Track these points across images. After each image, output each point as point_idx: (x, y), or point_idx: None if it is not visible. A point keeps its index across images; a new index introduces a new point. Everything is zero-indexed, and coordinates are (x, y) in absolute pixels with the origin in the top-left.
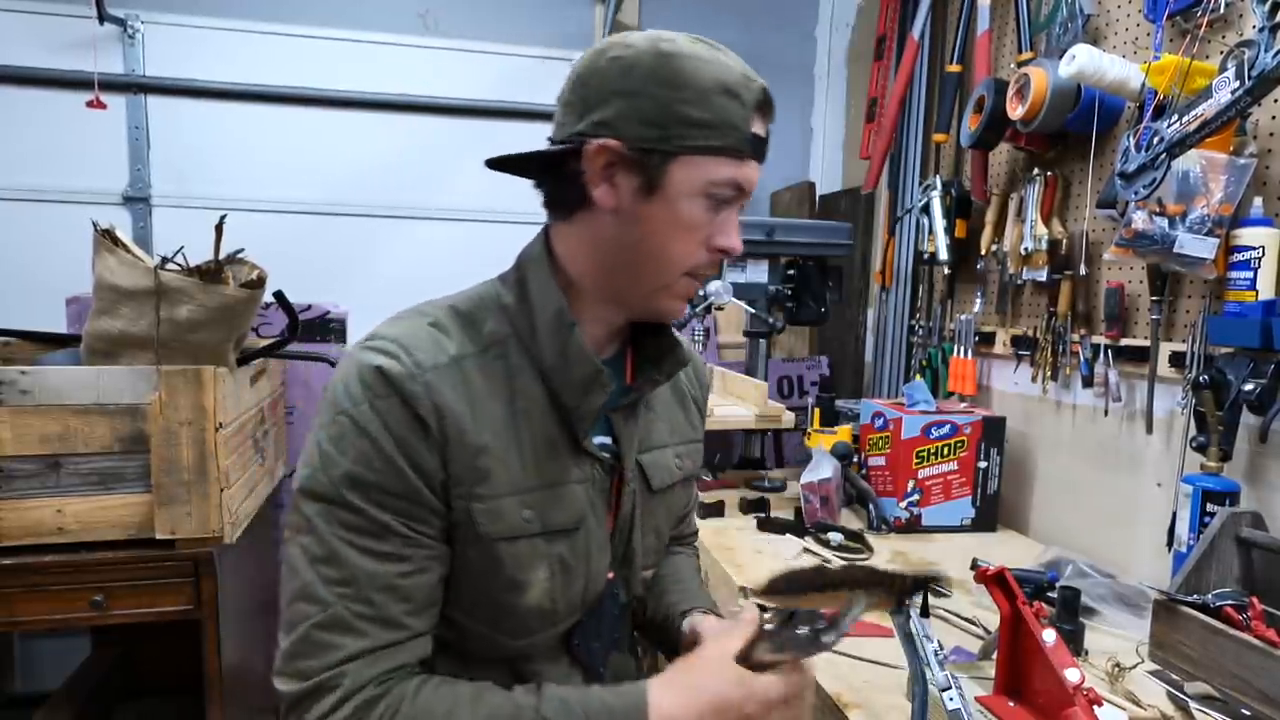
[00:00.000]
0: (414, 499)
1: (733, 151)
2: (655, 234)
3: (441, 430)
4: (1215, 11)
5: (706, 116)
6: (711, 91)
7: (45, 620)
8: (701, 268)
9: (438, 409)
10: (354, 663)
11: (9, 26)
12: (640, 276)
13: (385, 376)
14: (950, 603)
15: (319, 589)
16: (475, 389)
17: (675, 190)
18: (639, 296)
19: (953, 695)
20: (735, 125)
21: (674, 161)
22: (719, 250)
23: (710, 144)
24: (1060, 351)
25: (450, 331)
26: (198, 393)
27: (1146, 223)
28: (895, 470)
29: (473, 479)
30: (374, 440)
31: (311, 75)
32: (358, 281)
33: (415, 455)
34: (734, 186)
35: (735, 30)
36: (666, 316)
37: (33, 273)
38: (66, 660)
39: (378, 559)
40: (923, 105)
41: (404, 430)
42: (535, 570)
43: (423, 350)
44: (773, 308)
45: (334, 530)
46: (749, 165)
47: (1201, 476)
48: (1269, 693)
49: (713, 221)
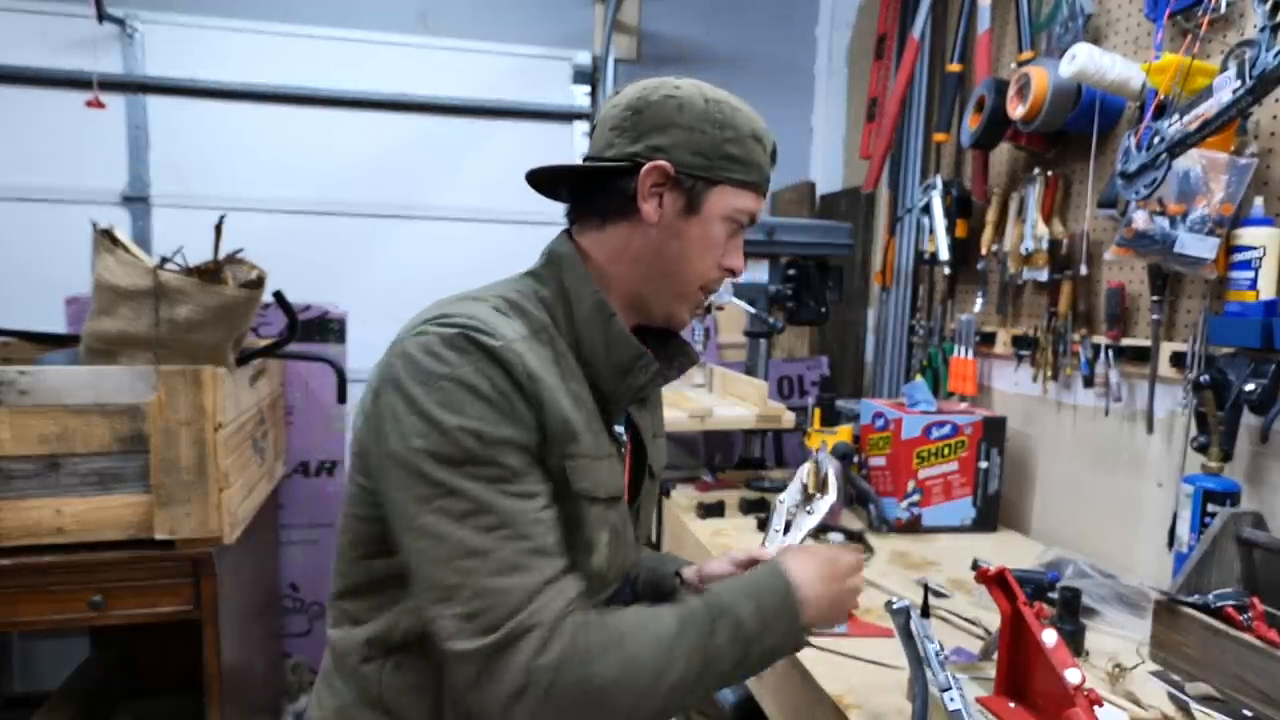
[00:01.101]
0: (528, 448)
1: (755, 187)
2: (688, 249)
3: (536, 394)
4: (1216, 11)
5: (743, 155)
6: (748, 136)
7: (45, 620)
8: (712, 284)
9: (530, 374)
10: (540, 597)
11: (9, 26)
12: (668, 284)
13: (478, 344)
14: (950, 603)
15: (477, 540)
16: (547, 362)
17: (710, 213)
18: (661, 302)
19: (953, 695)
20: (760, 166)
21: (714, 189)
22: (727, 270)
23: (743, 179)
24: (1061, 351)
25: (510, 315)
26: (197, 393)
27: (1147, 222)
28: (896, 470)
29: (565, 438)
30: (486, 397)
31: (311, 75)
32: (357, 281)
33: (520, 412)
34: (750, 216)
35: (735, 30)
36: (677, 324)
37: (32, 273)
38: (66, 660)
39: (520, 499)
40: (923, 105)
41: (508, 388)
42: (601, 533)
43: (500, 326)
44: (773, 308)
45: (473, 485)
46: (760, 200)
47: (1202, 477)
48: (1270, 693)
49: (720, 246)
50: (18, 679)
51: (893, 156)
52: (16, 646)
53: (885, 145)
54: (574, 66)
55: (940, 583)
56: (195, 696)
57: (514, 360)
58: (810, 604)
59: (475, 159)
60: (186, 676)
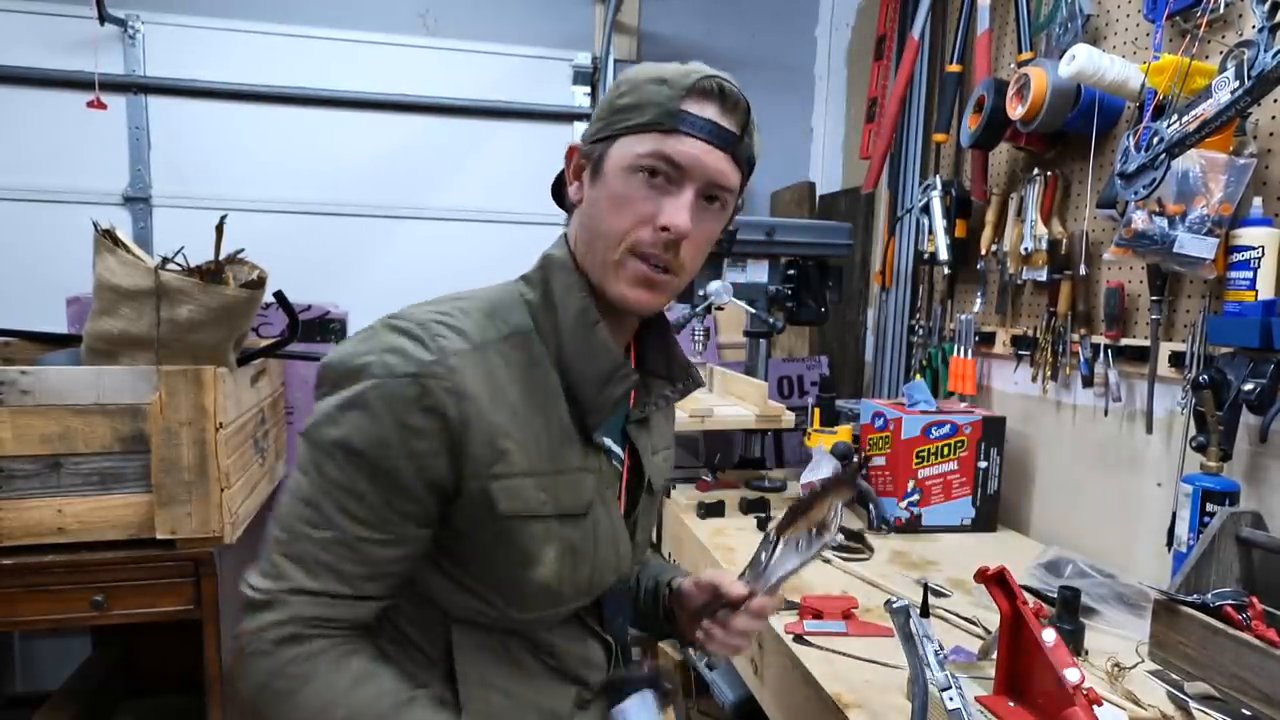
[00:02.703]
0: (397, 482)
1: (655, 126)
2: (596, 211)
3: (461, 412)
4: (1215, 11)
5: (636, 101)
6: (647, 82)
7: (45, 620)
8: (645, 245)
9: (457, 392)
10: (300, 597)
11: (9, 26)
12: (593, 254)
13: (407, 358)
14: (950, 603)
15: (295, 523)
16: (496, 374)
17: (610, 168)
18: (598, 279)
19: (953, 695)
20: (659, 103)
21: (611, 146)
22: (660, 228)
23: (638, 122)
24: (1060, 351)
25: (476, 319)
26: (198, 393)
27: (1146, 223)
28: (895, 470)
29: (491, 458)
30: (377, 418)
31: (312, 75)
32: (358, 281)
33: (415, 441)
34: (660, 158)
35: (735, 30)
36: (625, 303)
37: (33, 273)
38: (66, 660)
39: (349, 518)
40: (923, 105)
41: (412, 415)
42: (546, 549)
43: (447, 335)
44: (773, 308)
45: (320, 480)
46: (682, 140)
47: (1201, 476)
48: (1269, 693)
49: (650, 198)
50: (19, 679)
51: (892, 157)
52: (18, 646)
53: (885, 145)
54: (574, 67)
55: (940, 582)
56: (196, 696)
57: (440, 377)
58: None
59: (475, 159)
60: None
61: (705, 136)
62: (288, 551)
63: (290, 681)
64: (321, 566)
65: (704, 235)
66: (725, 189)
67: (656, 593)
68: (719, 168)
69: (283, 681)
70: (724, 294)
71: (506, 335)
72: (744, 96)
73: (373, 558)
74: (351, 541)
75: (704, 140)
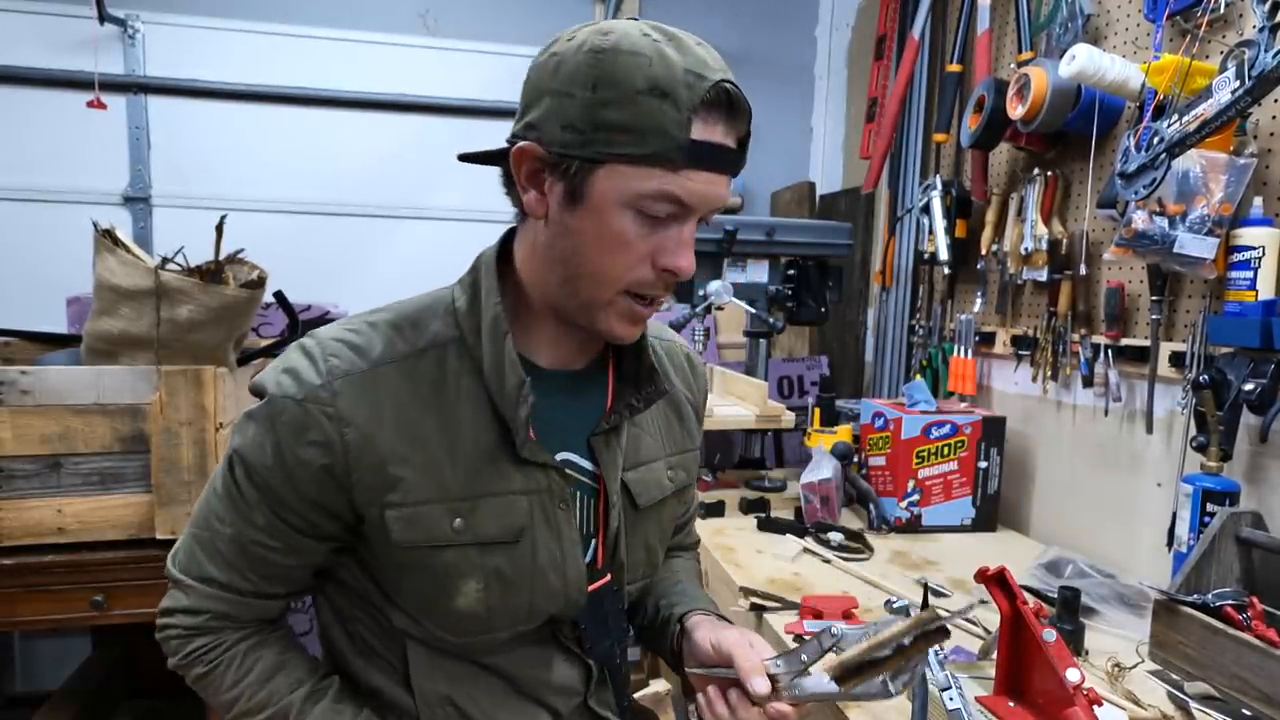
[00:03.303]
0: (283, 500)
1: (662, 160)
2: (585, 248)
3: (343, 439)
4: (1215, 11)
5: (632, 121)
6: (640, 92)
7: (45, 620)
8: (646, 287)
9: (340, 418)
10: (208, 586)
11: (9, 26)
12: (576, 291)
13: (298, 381)
14: (950, 602)
15: (207, 514)
16: (395, 395)
17: (600, 201)
18: (576, 312)
19: (953, 695)
20: (664, 130)
21: (598, 170)
22: (666, 271)
23: (637, 152)
24: (1060, 351)
25: (382, 334)
26: (198, 393)
27: (1146, 223)
28: (895, 470)
29: (382, 486)
30: (264, 438)
31: (312, 75)
32: (358, 281)
33: (298, 469)
34: (668, 200)
35: (735, 30)
36: (612, 338)
37: (33, 273)
38: (66, 660)
39: (245, 523)
40: (923, 105)
41: (295, 442)
42: (465, 581)
43: (341, 356)
44: (773, 308)
45: (225, 481)
46: (691, 176)
47: (1201, 476)
48: (1269, 693)
49: (652, 237)
50: (19, 679)
51: (892, 157)
52: (18, 646)
53: (885, 145)
54: None
55: (940, 582)
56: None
57: (323, 402)
58: None
59: None
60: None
61: (711, 169)
62: (198, 537)
63: (204, 667)
64: (225, 561)
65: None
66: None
67: (667, 626)
68: (724, 194)
69: (199, 667)
70: (724, 294)
71: (420, 349)
72: (745, 97)
73: (268, 561)
74: (247, 544)
75: (710, 173)
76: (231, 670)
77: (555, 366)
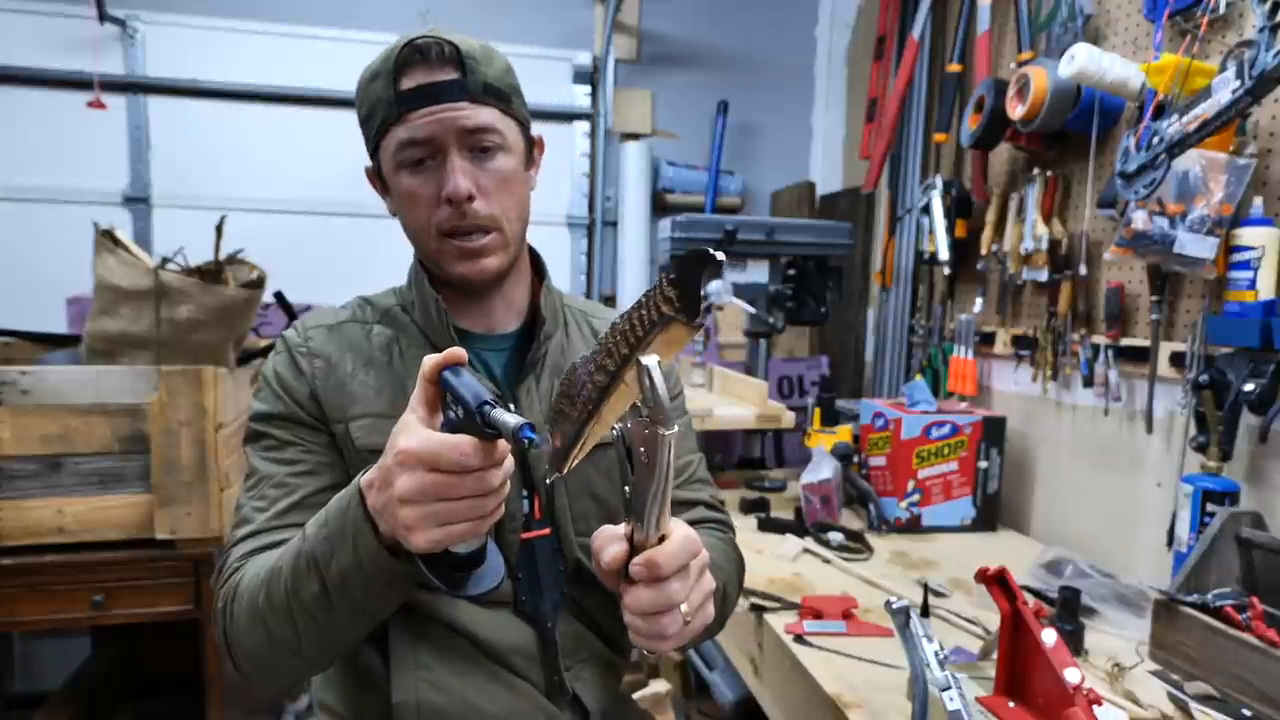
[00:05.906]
0: (296, 419)
1: (390, 122)
2: (403, 216)
3: (312, 367)
4: (1215, 11)
5: (367, 110)
6: (363, 88)
7: (45, 620)
8: (445, 224)
9: (312, 353)
10: (238, 545)
11: (9, 26)
12: (424, 253)
13: (283, 340)
14: (950, 603)
15: (241, 500)
16: (353, 340)
17: (390, 178)
18: (436, 270)
19: (953, 695)
20: (380, 99)
21: (379, 158)
22: (447, 201)
23: (375, 129)
24: (1060, 351)
25: (348, 308)
26: (198, 393)
27: (1146, 223)
28: (895, 470)
29: (345, 402)
30: (269, 383)
31: (312, 75)
32: (358, 281)
33: (292, 389)
34: (409, 145)
35: (735, 30)
36: (467, 281)
37: (33, 272)
38: (66, 660)
39: (276, 462)
40: (923, 105)
41: (286, 372)
42: None
43: (313, 321)
44: (773, 308)
45: (253, 450)
46: (411, 117)
47: (1201, 476)
48: (1269, 693)
49: (431, 182)
50: (19, 679)
51: (892, 156)
52: (18, 646)
53: (885, 145)
54: (574, 66)
55: (940, 582)
56: (195, 696)
57: (298, 346)
58: (388, 509)
59: None
60: (187, 676)
61: (427, 104)
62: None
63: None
64: (258, 511)
65: (497, 178)
66: (485, 131)
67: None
68: (459, 116)
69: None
70: (724, 294)
71: (377, 318)
72: (450, 40)
73: (301, 487)
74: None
75: (428, 107)
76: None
77: (486, 332)
